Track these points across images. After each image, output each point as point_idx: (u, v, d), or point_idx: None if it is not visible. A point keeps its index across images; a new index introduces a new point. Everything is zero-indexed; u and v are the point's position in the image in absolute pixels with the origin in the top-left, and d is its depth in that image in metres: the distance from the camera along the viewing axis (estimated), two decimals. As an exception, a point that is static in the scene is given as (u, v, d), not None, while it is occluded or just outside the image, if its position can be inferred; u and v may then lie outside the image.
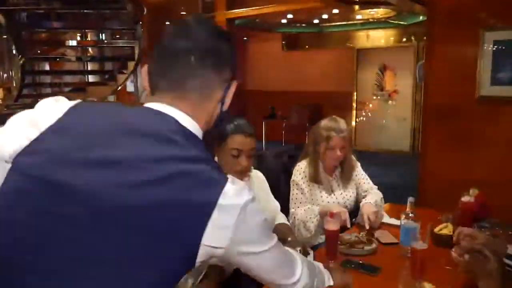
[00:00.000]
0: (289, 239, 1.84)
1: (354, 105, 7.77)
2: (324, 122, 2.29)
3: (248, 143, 1.77)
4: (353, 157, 2.38)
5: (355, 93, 7.79)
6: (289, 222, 2.17)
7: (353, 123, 7.79)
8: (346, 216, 2.07)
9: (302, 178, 2.28)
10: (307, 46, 8.60)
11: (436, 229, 1.94)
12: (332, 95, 7.70)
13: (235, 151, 1.75)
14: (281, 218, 2.06)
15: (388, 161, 7.00)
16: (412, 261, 1.55)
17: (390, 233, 2.07)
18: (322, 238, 2.27)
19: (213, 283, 1.51)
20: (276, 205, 2.08)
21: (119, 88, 5.66)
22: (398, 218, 2.25)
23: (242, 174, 1.81)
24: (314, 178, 2.27)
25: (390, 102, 7.62)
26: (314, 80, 7.95)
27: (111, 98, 6.01)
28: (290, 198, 2.30)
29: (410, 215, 1.82)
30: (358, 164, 2.43)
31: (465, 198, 2.05)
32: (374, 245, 1.89)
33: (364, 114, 7.70)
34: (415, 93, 7.23)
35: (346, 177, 2.34)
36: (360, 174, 2.40)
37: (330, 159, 2.24)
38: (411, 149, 7.37)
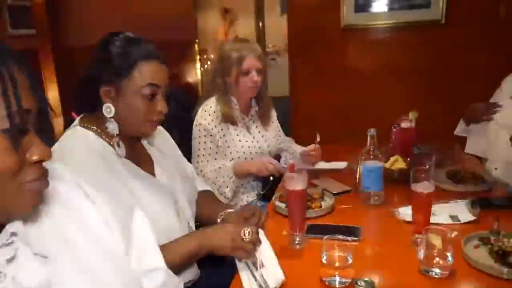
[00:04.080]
0: (225, 213, 1.25)
1: (197, 54, 7.17)
2: (230, 43, 1.76)
3: (165, 74, 1.10)
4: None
5: (196, 40, 7.19)
6: None
7: (198, 72, 7.23)
8: (273, 161, 1.60)
9: (212, 121, 1.69)
10: (136, -9, 7.55)
11: (387, 165, 1.59)
12: (173, 43, 6.94)
13: (149, 88, 1.06)
14: (202, 183, 1.44)
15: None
16: (419, 209, 1.13)
17: (333, 179, 1.66)
18: (237, 201, 1.75)
19: None
20: (190, 166, 1.45)
21: None
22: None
23: (156, 125, 1.13)
24: (228, 117, 1.71)
25: (233, 47, 7.28)
26: (152, 28, 7.03)
27: None
28: (196, 149, 1.72)
29: (373, 152, 1.40)
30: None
31: (405, 124, 1.74)
32: (330, 200, 1.43)
33: (209, 63, 7.19)
34: (258, 38, 7.00)
35: (265, 115, 1.83)
36: (276, 118, 1.93)
37: (245, 87, 1.70)
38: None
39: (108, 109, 1.05)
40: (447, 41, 2.74)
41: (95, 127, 1.08)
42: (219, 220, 1.23)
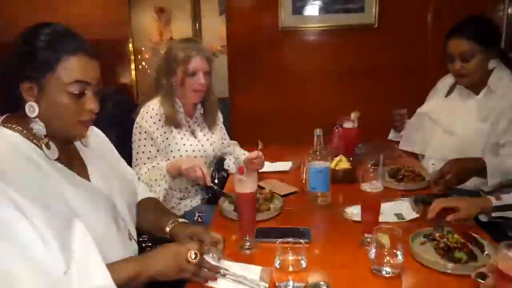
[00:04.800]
0: (175, 222, 1.16)
1: (132, 54, 6.89)
2: (179, 43, 1.68)
3: (96, 70, 0.99)
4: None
5: (130, 41, 6.91)
6: None
7: (133, 74, 6.94)
8: (204, 169, 1.50)
9: (155, 123, 1.60)
10: (61, -12, 7.09)
11: (331, 165, 1.59)
12: (103, 44, 6.61)
13: (77, 85, 0.94)
14: (146, 191, 1.35)
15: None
16: (368, 209, 1.13)
17: (278, 181, 1.63)
18: (181, 207, 1.68)
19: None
20: (130, 170, 1.35)
21: None
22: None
23: (88, 126, 1.02)
24: (172, 120, 1.63)
25: (169, 48, 7.08)
26: (80, 27, 6.65)
27: None
28: (135, 152, 1.63)
29: (320, 152, 1.39)
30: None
31: (347, 124, 1.76)
32: (278, 202, 1.41)
33: (144, 63, 6.93)
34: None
35: (211, 118, 1.77)
36: (222, 121, 1.87)
37: (191, 90, 1.64)
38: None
39: (31, 108, 0.93)
40: (380, 43, 2.85)
41: (20, 128, 0.96)
42: (167, 229, 1.13)
